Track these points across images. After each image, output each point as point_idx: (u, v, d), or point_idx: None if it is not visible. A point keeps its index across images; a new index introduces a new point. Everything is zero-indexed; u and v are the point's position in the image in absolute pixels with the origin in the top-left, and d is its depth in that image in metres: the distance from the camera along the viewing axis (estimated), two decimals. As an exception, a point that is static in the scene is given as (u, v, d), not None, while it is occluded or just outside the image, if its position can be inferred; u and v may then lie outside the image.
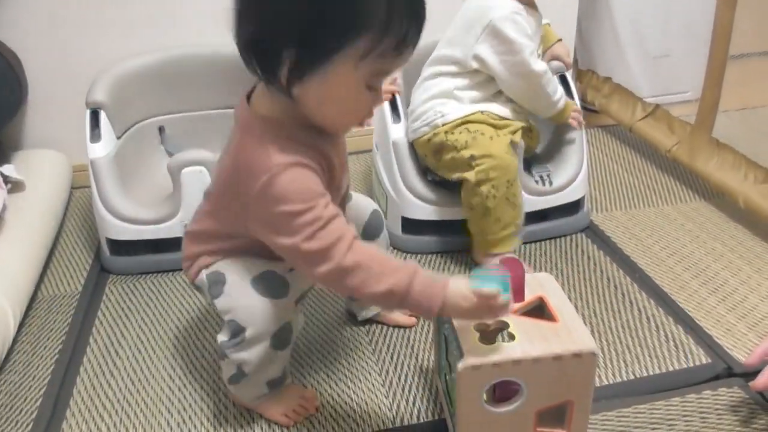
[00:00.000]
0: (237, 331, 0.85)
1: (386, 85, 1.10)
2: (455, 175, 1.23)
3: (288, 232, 0.76)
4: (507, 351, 0.79)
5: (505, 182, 1.19)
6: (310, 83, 0.73)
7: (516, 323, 0.83)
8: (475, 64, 1.23)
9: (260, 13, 0.71)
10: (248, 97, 0.82)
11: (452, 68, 1.27)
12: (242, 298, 0.85)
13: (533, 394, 0.80)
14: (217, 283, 0.88)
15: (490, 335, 0.86)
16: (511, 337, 0.81)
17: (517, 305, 0.86)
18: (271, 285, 0.86)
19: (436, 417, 0.95)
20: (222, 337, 0.88)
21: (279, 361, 0.91)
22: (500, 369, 0.78)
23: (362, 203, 1.06)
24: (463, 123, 1.23)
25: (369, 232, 1.06)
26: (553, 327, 0.82)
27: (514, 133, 1.25)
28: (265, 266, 0.87)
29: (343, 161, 0.88)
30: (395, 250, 1.35)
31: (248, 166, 0.77)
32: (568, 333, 0.81)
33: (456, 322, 0.83)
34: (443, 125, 1.24)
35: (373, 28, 0.70)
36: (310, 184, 0.77)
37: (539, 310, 0.87)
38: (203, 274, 0.91)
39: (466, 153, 1.20)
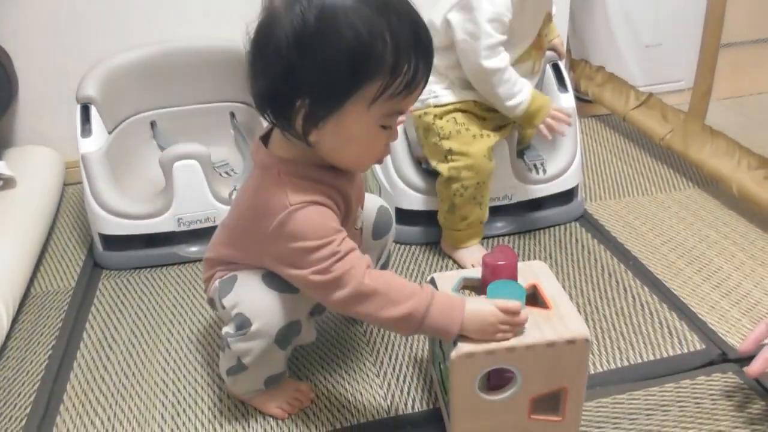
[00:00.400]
0: (243, 324, 0.84)
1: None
2: (433, 163, 1.23)
3: (305, 265, 0.78)
4: None
5: (475, 184, 1.19)
6: (325, 129, 0.75)
7: None
8: (442, 32, 1.16)
9: (272, 68, 0.73)
10: (263, 139, 0.84)
11: (435, 41, 1.21)
12: (251, 291, 0.85)
13: (527, 382, 0.80)
14: (228, 283, 0.88)
15: None
16: None
17: None
18: (282, 279, 0.84)
19: (431, 407, 0.95)
20: (227, 329, 0.87)
21: (280, 358, 0.91)
22: (494, 357, 0.78)
23: (369, 201, 1.04)
24: (454, 110, 1.21)
25: (379, 230, 1.06)
26: (546, 314, 0.82)
27: (502, 128, 1.24)
28: None
29: (360, 197, 0.91)
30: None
31: (266, 205, 0.79)
32: (562, 320, 0.81)
33: None
34: (435, 107, 1.22)
35: (382, 72, 0.72)
36: (326, 221, 0.78)
37: (532, 298, 0.87)
38: (217, 282, 0.91)
39: (446, 144, 1.19)
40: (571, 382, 0.82)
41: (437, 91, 1.22)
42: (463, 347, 0.77)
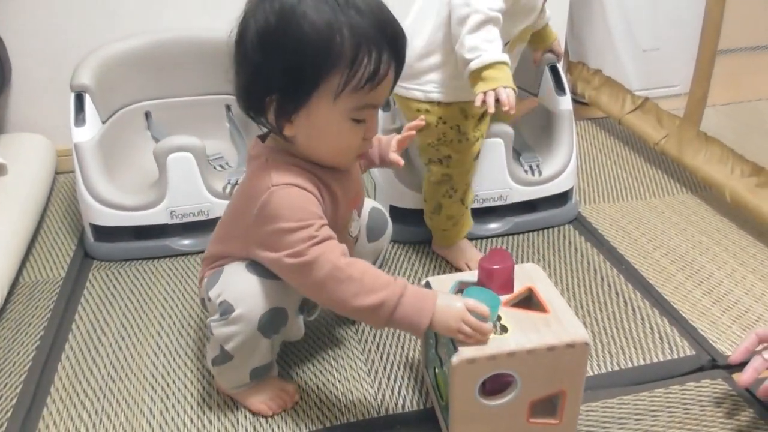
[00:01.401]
0: (226, 309, 0.84)
1: (405, 129, 1.00)
2: (424, 159, 1.22)
3: (281, 247, 0.79)
4: (501, 343, 0.78)
5: (464, 186, 1.20)
6: (297, 123, 0.79)
7: (507, 315, 0.83)
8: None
9: (243, 67, 0.79)
10: (261, 137, 0.89)
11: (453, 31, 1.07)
12: (235, 279, 0.86)
13: (527, 386, 0.80)
14: (215, 276, 0.89)
15: None
16: (504, 329, 0.81)
17: (506, 297, 0.86)
18: (266, 267, 0.85)
19: (422, 407, 0.95)
20: (211, 317, 0.87)
21: (265, 348, 0.90)
22: (495, 362, 0.78)
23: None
24: (459, 113, 1.15)
25: (373, 233, 1.06)
26: (544, 318, 0.82)
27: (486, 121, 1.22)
28: None
29: (354, 200, 0.91)
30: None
31: (251, 189, 0.82)
32: (560, 323, 0.81)
33: None
34: (438, 104, 1.14)
35: (341, 65, 0.75)
36: (306, 204, 0.80)
37: (528, 301, 0.87)
38: (205, 278, 0.92)
39: (444, 150, 1.17)
40: (569, 385, 0.82)
41: (440, 84, 1.13)
42: (465, 353, 0.77)
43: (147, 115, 1.50)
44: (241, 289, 0.85)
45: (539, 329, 0.80)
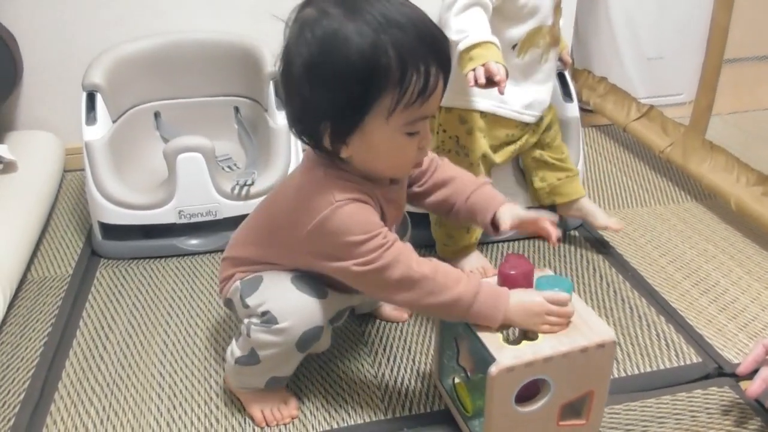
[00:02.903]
0: (270, 320, 0.84)
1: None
2: None
3: (352, 257, 0.79)
4: (536, 349, 0.78)
5: None
6: (352, 145, 0.79)
7: None
8: None
9: (292, 98, 0.79)
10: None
11: None
12: (280, 292, 0.85)
13: (560, 390, 0.81)
14: (252, 283, 0.88)
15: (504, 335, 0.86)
16: (534, 335, 0.81)
17: None
18: (311, 284, 0.85)
19: (428, 409, 0.95)
20: (251, 320, 0.86)
21: (293, 362, 0.90)
22: (532, 368, 0.78)
23: None
24: (459, 122, 1.13)
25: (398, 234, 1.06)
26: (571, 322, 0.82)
27: (506, 146, 1.19)
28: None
29: (397, 215, 0.91)
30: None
31: (309, 201, 0.81)
32: (586, 325, 0.82)
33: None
34: (438, 109, 1.09)
35: (391, 86, 0.74)
36: (370, 217, 0.80)
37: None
38: (238, 282, 0.90)
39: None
40: (597, 385, 0.83)
41: (472, 88, 1.06)
42: (503, 362, 0.76)
43: (156, 115, 1.50)
44: (287, 304, 0.84)
45: (568, 332, 0.81)
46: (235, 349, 0.90)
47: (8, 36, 1.49)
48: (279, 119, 1.33)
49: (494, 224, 0.92)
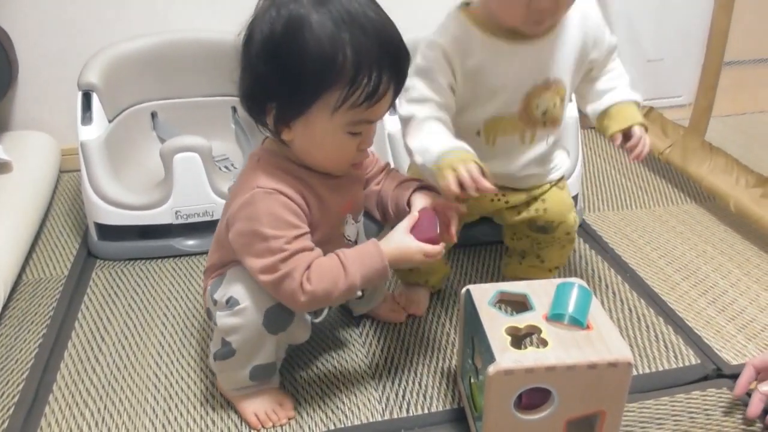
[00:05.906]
0: (232, 303, 0.85)
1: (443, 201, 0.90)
2: None
3: (252, 253, 0.81)
4: (540, 357, 0.77)
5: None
6: (295, 129, 0.81)
7: (548, 329, 0.81)
8: None
9: (247, 71, 0.81)
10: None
11: None
12: (240, 277, 0.86)
13: (564, 403, 0.78)
14: (218, 282, 0.90)
15: (521, 341, 0.85)
16: (543, 343, 0.79)
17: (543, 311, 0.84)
18: None
19: (426, 411, 0.95)
20: (217, 312, 0.87)
21: (269, 346, 0.89)
22: (533, 375, 0.76)
23: None
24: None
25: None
26: (587, 334, 0.80)
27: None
28: None
29: (345, 206, 0.91)
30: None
31: (240, 187, 0.85)
32: (603, 341, 0.79)
33: (486, 324, 0.81)
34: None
35: (341, 83, 0.76)
36: (285, 215, 0.81)
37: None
38: (209, 287, 0.92)
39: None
40: (609, 406, 0.79)
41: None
42: (503, 363, 0.75)
43: (153, 115, 1.50)
44: (247, 286, 0.85)
45: (581, 346, 0.78)
46: (212, 347, 0.91)
47: (3, 35, 1.48)
48: (276, 119, 1.32)
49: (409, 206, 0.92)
